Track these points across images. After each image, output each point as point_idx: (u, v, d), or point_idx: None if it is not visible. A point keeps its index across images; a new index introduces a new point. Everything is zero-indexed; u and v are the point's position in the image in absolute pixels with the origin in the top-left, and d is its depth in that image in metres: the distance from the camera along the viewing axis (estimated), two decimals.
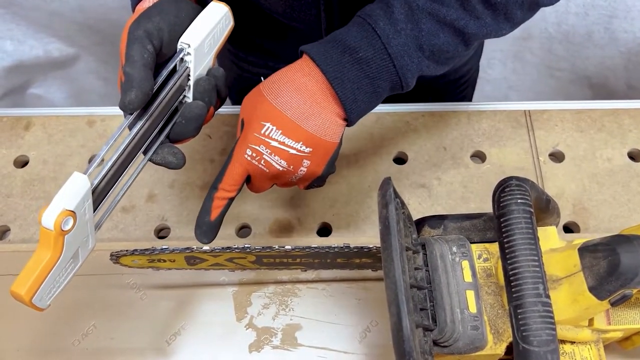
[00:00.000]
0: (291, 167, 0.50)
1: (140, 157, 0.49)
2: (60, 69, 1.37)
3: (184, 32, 0.49)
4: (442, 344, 0.46)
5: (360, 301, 0.60)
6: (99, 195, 0.45)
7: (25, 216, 0.66)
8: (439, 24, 0.49)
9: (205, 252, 0.52)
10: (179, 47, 0.49)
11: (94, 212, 0.44)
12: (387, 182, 0.44)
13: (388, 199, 0.42)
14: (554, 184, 0.67)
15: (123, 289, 0.62)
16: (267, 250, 0.52)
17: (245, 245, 0.52)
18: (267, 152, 0.49)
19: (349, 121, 0.51)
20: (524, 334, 0.39)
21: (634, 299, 0.50)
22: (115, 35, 1.26)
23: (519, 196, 0.43)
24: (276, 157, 0.49)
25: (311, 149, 0.49)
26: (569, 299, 0.45)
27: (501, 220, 0.43)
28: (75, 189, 0.42)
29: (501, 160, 0.69)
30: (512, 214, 0.42)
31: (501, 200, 0.43)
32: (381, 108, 0.73)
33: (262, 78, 0.51)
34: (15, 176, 0.69)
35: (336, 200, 0.67)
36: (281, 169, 0.49)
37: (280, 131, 0.48)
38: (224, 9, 0.52)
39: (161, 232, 0.67)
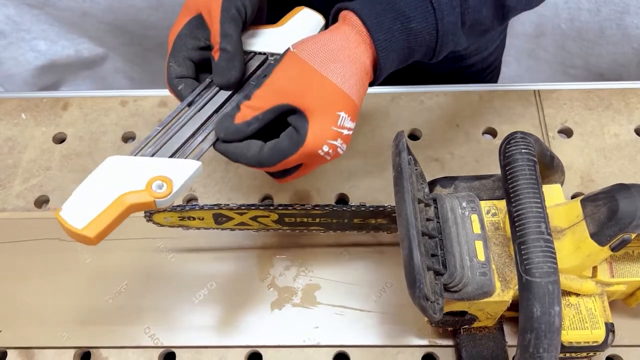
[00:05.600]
0: (345, 147, 0.48)
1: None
2: (89, 68, 1.42)
3: (260, 16, 0.51)
4: (452, 289, 0.49)
5: (376, 264, 0.64)
6: None
7: (63, 187, 0.71)
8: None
9: (232, 209, 0.56)
10: (281, 53, 0.49)
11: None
12: (400, 134, 0.48)
13: (401, 147, 0.46)
14: (563, 158, 0.69)
15: (154, 252, 0.66)
16: (289, 208, 0.56)
17: (269, 203, 0.56)
18: (340, 143, 0.46)
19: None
20: (527, 267, 0.42)
21: (637, 253, 0.53)
22: (142, 35, 1.32)
23: (523, 146, 0.46)
24: (344, 145, 0.47)
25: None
26: (572, 247, 0.48)
27: (506, 168, 0.46)
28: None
29: None
30: (517, 162, 0.45)
31: (506, 150, 0.46)
32: (397, 89, 0.77)
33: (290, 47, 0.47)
34: (54, 151, 0.74)
35: (353, 173, 0.71)
36: (341, 153, 0.47)
37: (349, 117, 0.46)
38: (321, 20, 0.54)
39: (190, 200, 0.71)
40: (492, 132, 0.73)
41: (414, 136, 0.74)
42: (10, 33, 1.27)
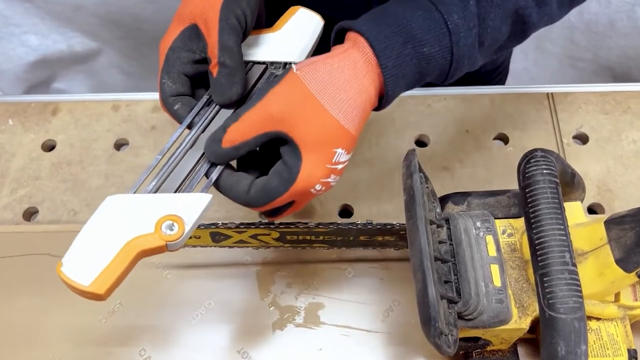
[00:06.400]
0: (338, 179, 0.44)
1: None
2: (83, 63, 1.38)
3: (259, 24, 0.48)
4: (466, 317, 0.46)
5: (382, 281, 0.60)
6: None
7: (53, 198, 0.68)
8: (505, 16, 0.44)
9: (229, 227, 0.53)
10: (283, 62, 0.48)
11: None
12: (411, 153, 0.44)
13: (413, 169, 0.42)
14: (578, 165, 0.67)
15: (148, 268, 0.62)
16: (291, 226, 0.53)
17: (269, 221, 0.53)
18: (333, 179, 0.43)
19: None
20: (550, 301, 0.38)
21: None
22: (137, 29, 1.28)
23: (544, 167, 0.43)
24: (337, 178, 0.44)
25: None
26: (595, 272, 0.45)
27: (526, 190, 0.43)
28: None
29: (524, 143, 0.68)
30: (538, 184, 0.42)
31: (526, 171, 0.43)
32: None
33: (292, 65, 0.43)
34: (43, 159, 0.70)
35: (358, 182, 0.67)
36: (333, 185, 0.44)
37: (345, 152, 0.43)
38: (320, 21, 0.50)
39: None
40: (504, 138, 0.70)
41: (421, 142, 0.70)
42: (0, 28, 1.23)
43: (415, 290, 0.40)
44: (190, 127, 0.45)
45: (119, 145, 0.72)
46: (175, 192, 0.42)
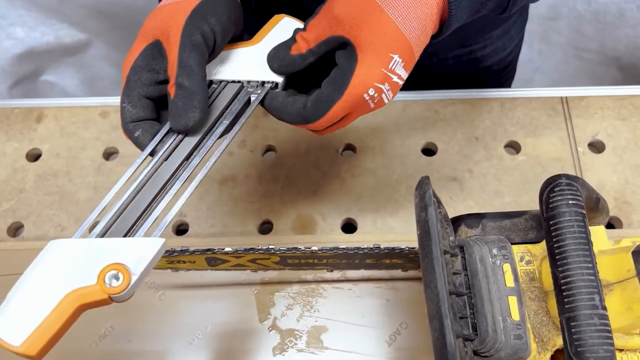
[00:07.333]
0: (391, 96, 0.43)
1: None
2: (72, 55, 1.34)
3: (235, 38, 0.44)
4: (482, 354, 0.43)
5: (389, 302, 0.57)
6: None
7: (39, 212, 0.64)
8: None
9: (227, 253, 0.49)
10: (260, 81, 0.44)
11: None
12: (425, 182, 0.40)
13: (427, 201, 0.39)
14: (594, 176, 0.63)
15: (141, 289, 0.58)
16: (292, 251, 0.49)
17: (270, 247, 0.49)
18: (386, 89, 0.41)
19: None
20: (578, 349, 0.35)
21: None
22: (128, 20, 1.23)
23: (570, 196, 0.39)
24: (390, 94, 0.42)
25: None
26: (622, 306, 0.42)
27: (551, 222, 0.39)
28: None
29: (537, 151, 0.65)
30: (564, 216, 0.38)
31: (550, 200, 0.39)
32: (408, 96, 0.69)
33: None
34: (27, 170, 0.67)
35: (361, 194, 0.64)
36: (386, 102, 0.43)
37: (403, 64, 0.41)
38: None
39: (180, 227, 0.64)
40: (515, 146, 0.66)
41: (428, 151, 0.67)
42: None
43: (431, 338, 0.36)
44: (152, 154, 0.40)
45: (108, 155, 0.68)
46: (126, 235, 0.37)
